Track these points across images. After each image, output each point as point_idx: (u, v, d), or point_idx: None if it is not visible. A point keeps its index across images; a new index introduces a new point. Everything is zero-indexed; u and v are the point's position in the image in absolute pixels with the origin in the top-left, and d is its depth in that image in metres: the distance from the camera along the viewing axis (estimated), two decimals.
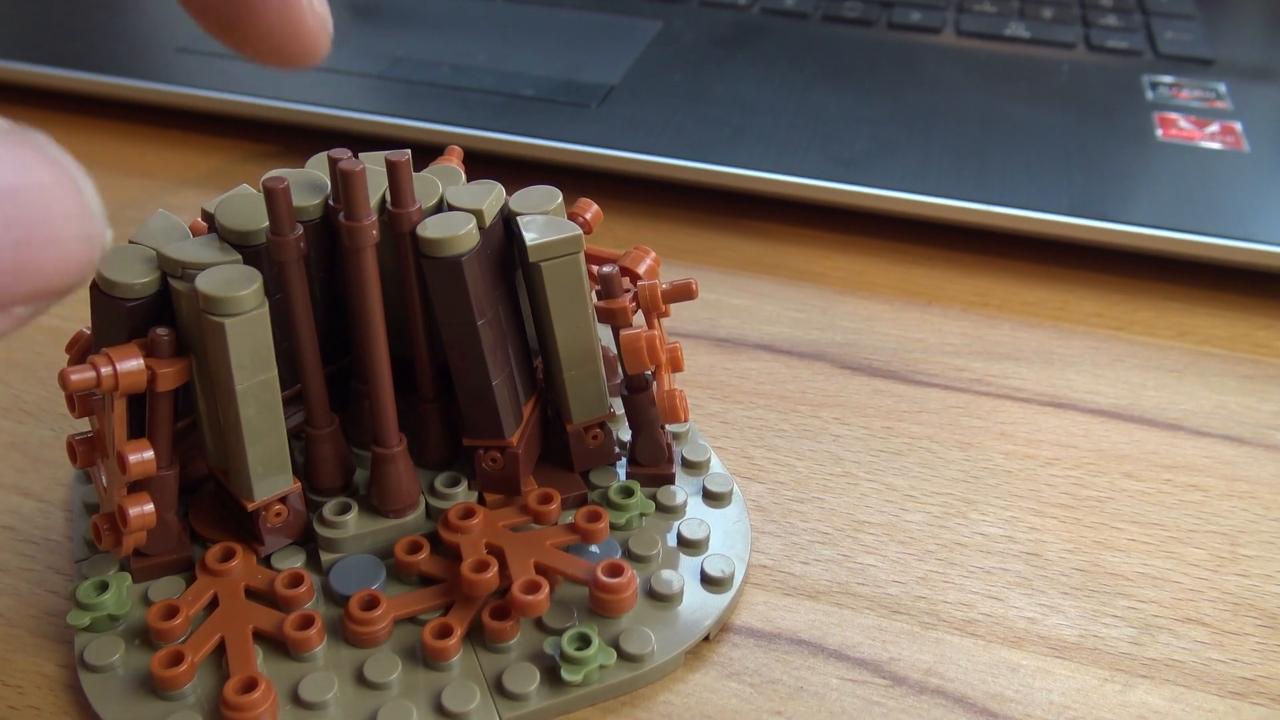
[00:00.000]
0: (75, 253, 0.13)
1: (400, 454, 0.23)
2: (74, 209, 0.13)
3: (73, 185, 0.13)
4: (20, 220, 0.12)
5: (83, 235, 0.13)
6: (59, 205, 0.13)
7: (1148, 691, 0.23)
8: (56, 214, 0.13)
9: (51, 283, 0.13)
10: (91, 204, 0.13)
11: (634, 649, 0.22)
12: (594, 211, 0.26)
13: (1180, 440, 0.29)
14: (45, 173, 0.13)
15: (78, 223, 0.13)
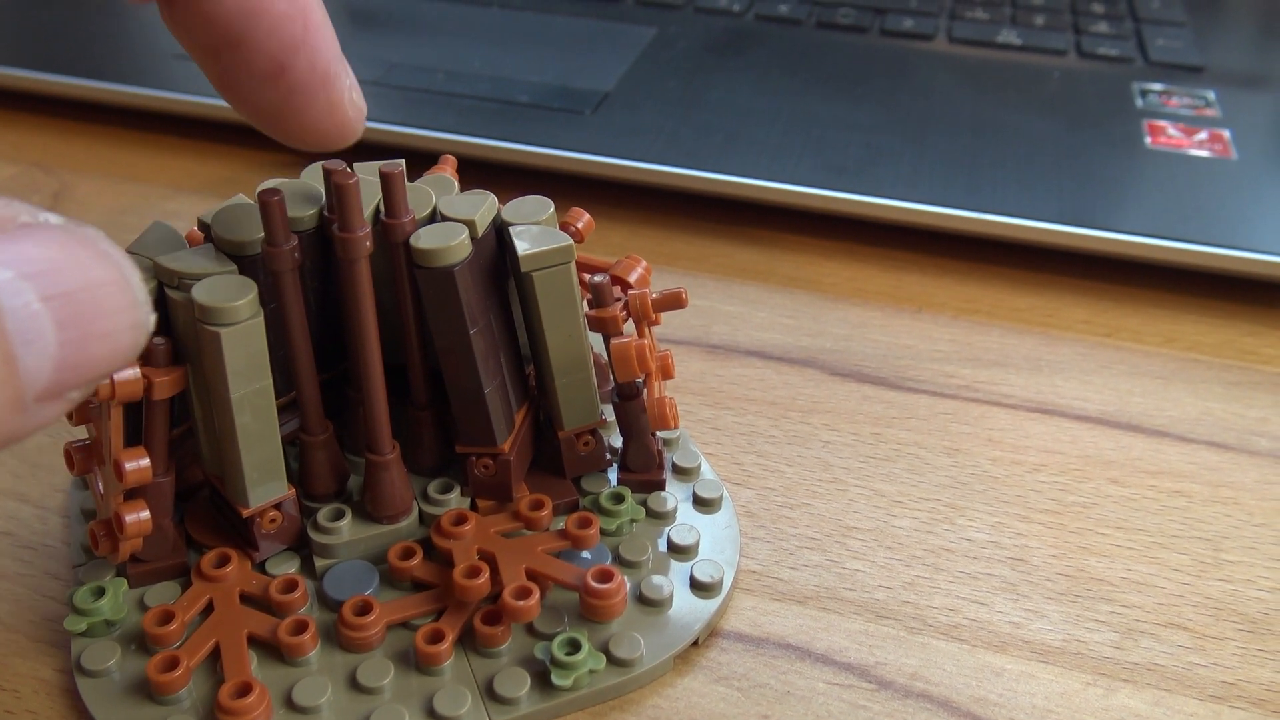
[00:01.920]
0: (125, 341, 0.14)
1: (394, 461, 0.24)
2: (125, 302, 0.14)
3: (123, 279, 0.14)
4: (78, 320, 0.13)
5: (132, 324, 0.14)
6: (111, 301, 0.13)
7: (1130, 695, 0.23)
8: (109, 309, 0.13)
9: (103, 370, 0.14)
10: (139, 294, 0.14)
11: (623, 654, 0.22)
12: (585, 221, 0.26)
13: (1166, 446, 0.29)
14: (99, 271, 0.13)
15: (127, 314, 0.14)
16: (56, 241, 0.13)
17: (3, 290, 0.12)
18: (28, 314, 0.12)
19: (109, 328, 0.13)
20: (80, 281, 0.13)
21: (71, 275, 0.13)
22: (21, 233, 0.13)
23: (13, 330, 0.12)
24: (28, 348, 0.12)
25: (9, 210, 0.13)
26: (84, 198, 0.39)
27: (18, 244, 0.13)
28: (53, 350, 0.13)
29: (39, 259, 0.13)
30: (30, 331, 0.13)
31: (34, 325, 0.13)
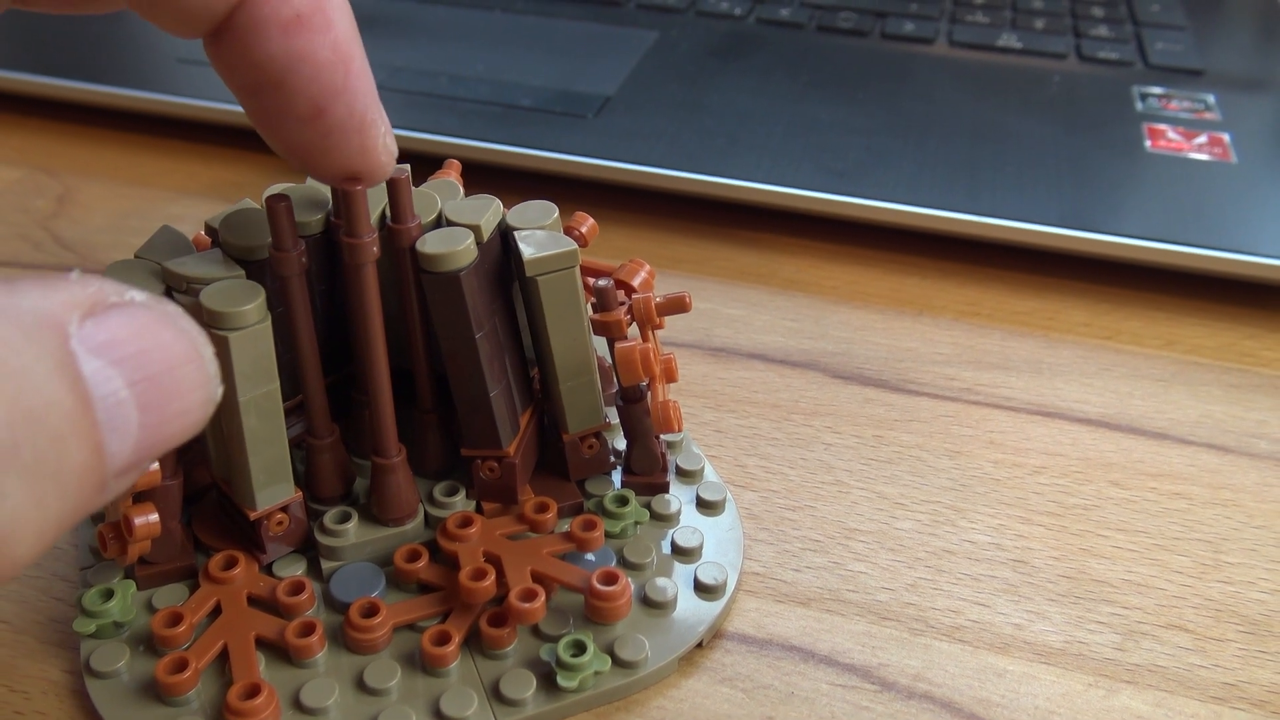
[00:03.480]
0: (197, 417, 0.14)
1: (400, 464, 0.24)
2: (199, 380, 0.14)
3: (199, 357, 0.14)
4: (159, 403, 0.14)
5: (204, 400, 0.14)
6: (189, 380, 0.14)
7: (1131, 696, 0.23)
8: (186, 388, 0.14)
9: (175, 444, 0.14)
10: (210, 368, 0.15)
11: (628, 655, 0.22)
12: (590, 225, 0.26)
13: (1166, 449, 0.30)
14: (179, 349, 0.14)
15: (201, 391, 0.14)
16: (141, 323, 0.14)
17: (94, 379, 0.13)
18: (115, 402, 0.13)
19: (185, 405, 0.14)
20: (163, 365, 0.14)
21: (155, 359, 0.14)
22: (110, 315, 0.13)
23: (102, 419, 0.13)
24: (113, 433, 0.13)
25: (97, 292, 0.14)
26: (88, 201, 0.39)
27: (107, 328, 0.13)
28: (134, 433, 0.13)
29: (126, 343, 0.13)
30: (116, 419, 0.13)
31: (120, 412, 0.13)
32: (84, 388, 0.13)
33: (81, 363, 0.13)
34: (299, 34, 0.18)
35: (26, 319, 0.13)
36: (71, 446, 0.13)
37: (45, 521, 0.12)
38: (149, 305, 0.14)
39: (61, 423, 0.12)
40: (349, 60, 0.19)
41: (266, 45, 0.18)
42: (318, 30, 0.18)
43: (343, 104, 0.19)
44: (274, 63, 0.18)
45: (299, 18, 0.18)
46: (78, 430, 0.13)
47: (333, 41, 0.18)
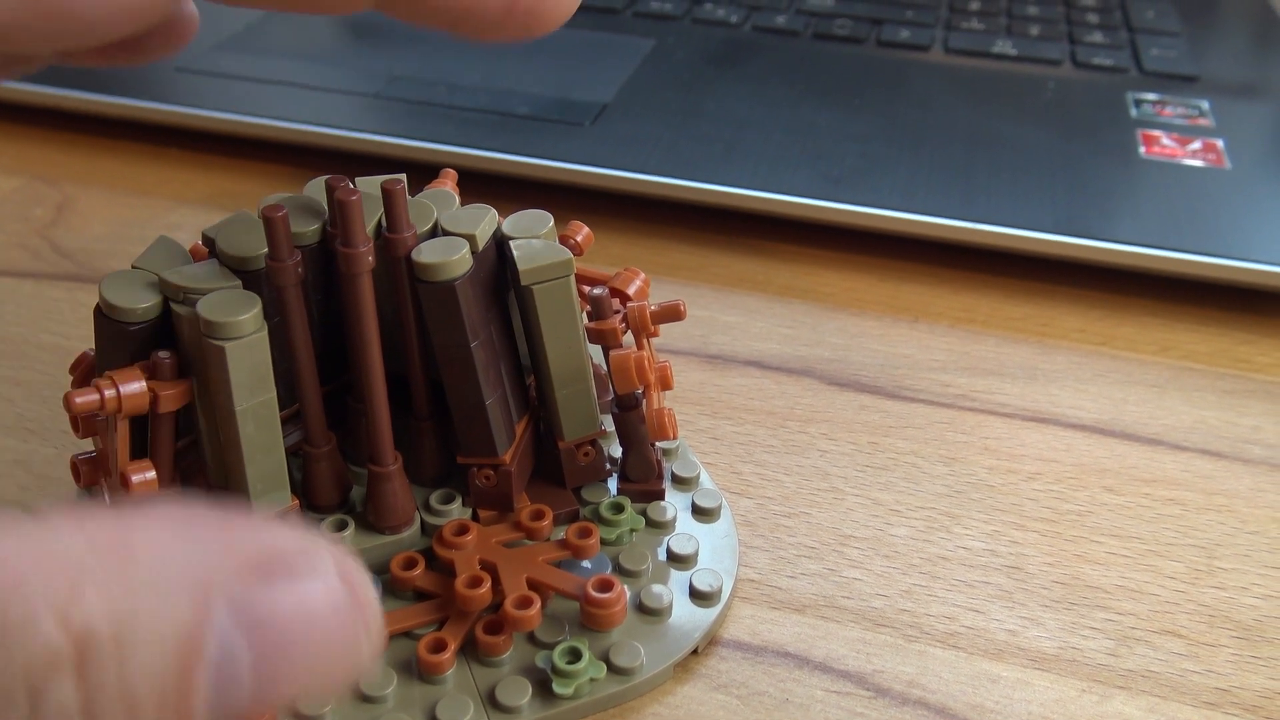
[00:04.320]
0: (346, 673, 0.13)
1: (396, 472, 0.24)
2: (355, 639, 0.13)
3: (361, 616, 0.13)
4: (286, 672, 0.13)
5: (351, 667, 0.13)
6: (345, 636, 0.13)
7: (1124, 702, 0.23)
8: (339, 645, 0.13)
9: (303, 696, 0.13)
10: (374, 624, 0.13)
11: (624, 662, 0.22)
12: (585, 234, 0.27)
13: (1160, 454, 0.30)
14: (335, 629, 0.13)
15: (347, 658, 0.13)
16: (309, 612, 0.13)
17: (222, 647, 0.12)
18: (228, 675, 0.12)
19: (335, 667, 0.13)
20: (308, 659, 0.13)
21: (301, 649, 0.13)
22: (279, 590, 0.13)
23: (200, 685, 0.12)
24: (216, 700, 0.12)
25: (279, 552, 0.13)
26: (87, 210, 0.39)
27: (268, 602, 0.13)
28: (244, 696, 0.12)
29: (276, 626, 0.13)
30: (224, 690, 0.12)
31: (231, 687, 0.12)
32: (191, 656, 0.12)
33: (209, 634, 0.12)
34: None
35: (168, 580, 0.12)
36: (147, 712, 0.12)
37: None
38: (330, 580, 0.13)
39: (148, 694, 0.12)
40: None
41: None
42: None
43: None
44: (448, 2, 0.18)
45: None
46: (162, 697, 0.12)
47: None
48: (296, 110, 0.41)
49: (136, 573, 0.12)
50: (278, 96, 0.42)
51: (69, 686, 0.12)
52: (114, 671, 0.12)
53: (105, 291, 0.22)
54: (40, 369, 0.32)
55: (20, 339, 0.33)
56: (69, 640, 0.12)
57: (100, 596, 0.12)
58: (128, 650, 0.12)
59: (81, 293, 0.35)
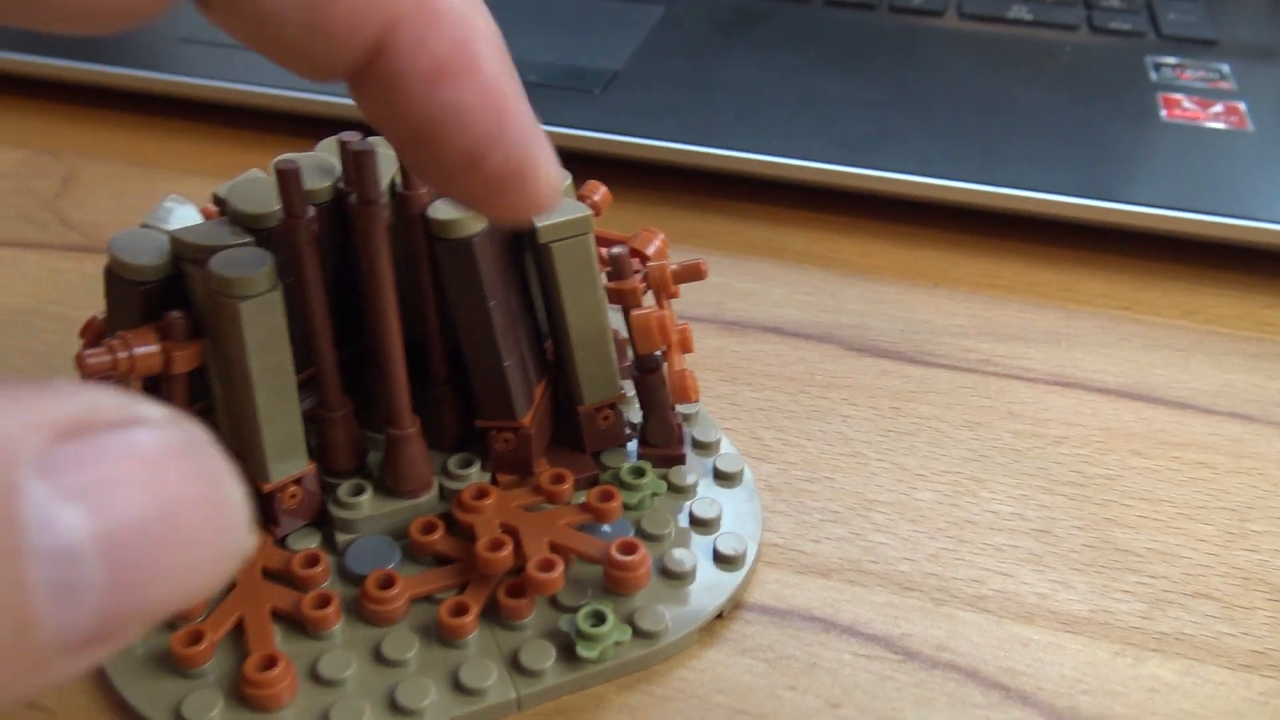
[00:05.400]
0: (202, 577, 0.11)
1: (414, 435, 0.24)
2: (210, 529, 0.11)
3: (217, 501, 0.11)
4: (140, 560, 0.10)
5: (216, 556, 0.11)
6: (192, 530, 0.11)
7: (1159, 665, 0.23)
8: (186, 540, 0.11)
9: (167, 609, 0.11)
10: (234, 515, 0.11)
11: (648, 626, 0.22)
12: (603, 193, 0.26)
13: (1188, 418, 0.29)
14: (188, 490, 0.11)
15: (212, 544, 0.11)
16: (139, 452, 0.11)
17: (39, 526, 0.10)
18: (65, 557, 0.10)
19: (181, 562, 0.11)
20: (157, 509, 0.11)
21: (145, 500, 0.11)
22: (98, 439, 0.10)
23: (40, 580, 0.10)
24: (58, 599, 0.10)
25: (86, 408, 0.11)
26: (92, 182, 0.39)
27: (87, 457, 0.10)
28: (97, 598, 0.10)
29: (105, 480, 0.10)
30: (68, 579, 0.10)
31: (74, 571, 0.10)
32: (13, 538, 0.10)
33: (26, 503, 0.10)
34: (443, 84, 0.16)
35: None
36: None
37: None
38: (159, 427, 0.11)
39: None
40: (501, 103, 0.16)
41: (408, 99, 0.16)
42: (463, 75, 0.16)
43: (499, 152, 0.16)
44: (418, 115, 0.16)
45: (440, 67, 0.16)
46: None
47: (482, 85, 0.16)
48: (304, 80, 0.40)
49: None
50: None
51: None
52: None
53: (115, 250, 0.22)
54: (48, 339, 0.31)
55: (28, 310, 0.32)
56: None
57: None
58: None
59: (88, 264, 0.34)
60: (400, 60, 0.15)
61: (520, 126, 0.16)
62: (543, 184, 0.17)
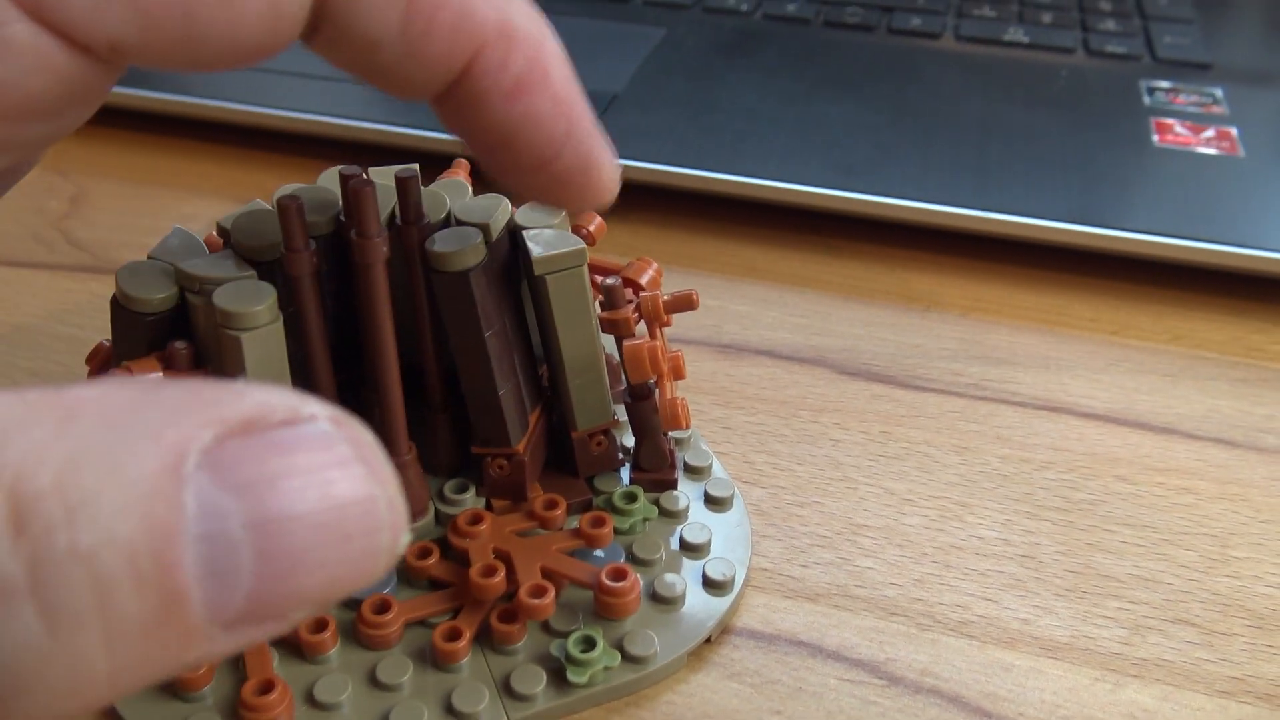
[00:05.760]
0: (356, 571, 0.12)
1: (410, 462, 0.24)
2: (363, 527, 0.12)
3: (372, 499, 0.12)
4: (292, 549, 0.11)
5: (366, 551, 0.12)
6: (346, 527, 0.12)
7: (1138, 690, 0.23)
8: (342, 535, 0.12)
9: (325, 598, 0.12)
10: (389, 516, 0.12)
11: (638, 651, 0.22)
12: (597, 224, 0.27)
13: (1173, 443, 0.30)
14: (345, 488, 0.12)
15: (363, 540, 0.12)
16: (301, 452, 0.11)
17: (197, 513, 0.11)
18: (222, 543, 0.11)
19: (334, 556, 0.11)
20: (312, 504, 0.11)
21: (301, 496, 0.11)
22: (264, 437, 0.11)
23: (191, 562, 0.11)
24: (211, 581, 0.11)
25: (258, 407, 0.11)
26: (100, 202, 0.39)
27: (251, 452, 0.11)
28: (246, 585, 0.11)
29: (264, 473, 0.11)
30: (220, 562, 0.11)
31: (227, 555, 0.11)
32: (166, 516, 0.10)
33: (187, 490, 0.11)
34: (522, 98, 0.18)
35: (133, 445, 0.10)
36: (127, 593, 0.10)
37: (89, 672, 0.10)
38: (325, 426, 0.12)
39: (116, 562, 0.10)
40: (570, 109, 0.19)
41: (492, 113, 0.18)
42: (538, 89, 0.18)
43: (569, 151, 0.19)
44: (500, 127, 0.18)
45: (520, 83, 0.18)
46: (139, 572, 0.10)
47: (553, 96, 0.18)
48: (309, 101, 0.41)
49: (83, 423, 0.11)
50: (290, 87, 0.42)
51: (4, 549, 0.10)
52: (64, 531, 0.10)
53: (122, 282, 0.22)
54: (56, 359, 0.32)
55: (36, 330, 0.33)
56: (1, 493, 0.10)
57: (36, 443, 0.10)
58: (81, 506, 0.10)
59: (96, 284, 0.35)
60: (485, 80, 0.18)
61: (585, 129, 0.19)
62: (605, 177, 0.20)
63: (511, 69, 0.18)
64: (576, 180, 0.19)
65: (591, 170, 0.19)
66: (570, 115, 0.19)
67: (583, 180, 0.19)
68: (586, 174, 0.19)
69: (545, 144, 0.18)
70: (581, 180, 0.19)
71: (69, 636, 0.10)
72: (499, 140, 0.19)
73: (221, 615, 0.11)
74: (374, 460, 0.12)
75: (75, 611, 0.10)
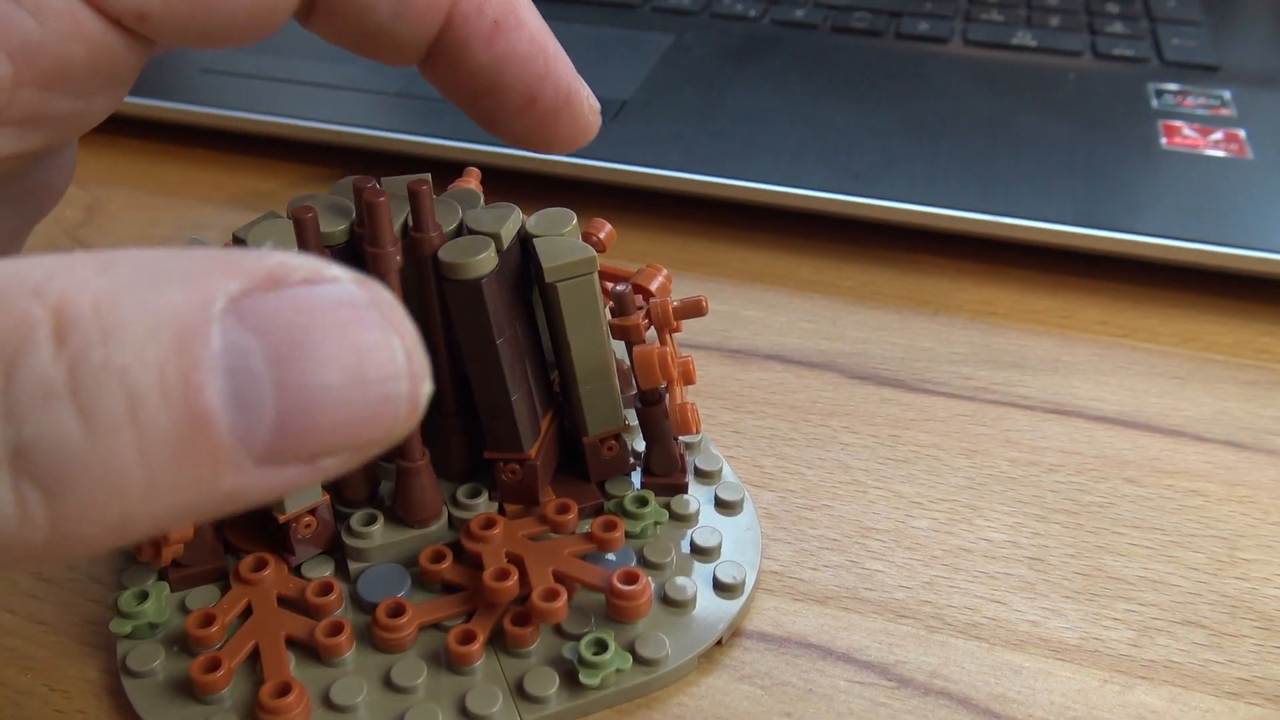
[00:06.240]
0: (377, 416, 0.13)
1: (424, 467, 0.24)
2: (381, 373, 0.12)
3: (390, 348, 0.13)
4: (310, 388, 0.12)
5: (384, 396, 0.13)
6: (369, 370, 0.12)
7: (1146, 692, 0.23)
8: (361, 378, 0.12)
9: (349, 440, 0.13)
10: (405, 365, 0.13)
11: (649, 653, 0.23)
12: (607, 231, 0.27)
13: (1182, 446, 0.30)
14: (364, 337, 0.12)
15: (381, 385, 0.13)
16: (323, 301, 0.12)
17: (221, 347, 0.12)
18: (244, 375, 0.12)
19: (354, 397, 0.12)
20: (331, 346, 0.12)
21: (321, 339, 0.12)
22: (289, 293, 0.12)
23: (215, 389, 0.12)
24: (236, 409, 0.12)
25: (280, 265, 0.12)
26: (116, 211, 0.40)
27: (274, 302, 0.12)
28: (270, 416, 0.12)
29: (287, 318, 0.12)
30: (244, 392, 0.12)
31: (251, 388, 0.12)
32: (191, 345, 0.11)
33: (213, 328, 0.12)
34: (500, 39, 0.20)
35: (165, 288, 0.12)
36: (156, 406, 0.11)
37: (125, 478, 0.11)
38: (347, 284, 0.13)
39: (146, 378, 0.11)
40: (546, 47, 0.20)
41: (475, 57, 0.20)
42: (514, 30, 0.20)
43: (550, 87, 0.20)
44: (485, 70, 0.20)
45: (497, 25, 0.20)
46: (166, 390, 0.11)
47: (529, 36, 0.20)
48: (320, 109, 0.41)
49: (121, 269, 0.12)
50: (302, 96, 0.42)
51: (47, 356, 0.11)
52: (100, 348, 0.11)
53: None
54: None
55: None
56: (46, 311, 0.11)
57: (78, 278, 0.11)
58: (115, 329, 0.11)
59: None
60: (465, 26, 0.20)
61: (563, 64, 0.21)
62: (587, 111, 0.21)
63: (488, 13, 0.20)
64: (562, 116, 0.21)
65: (574, 104, 0.21)
66: (547, 52, 0.20)
67: (568, 114, 0.21)
68: (570, 107, 0.21)
69: (527, 82, 0.20)
70: (567, 115, 0.21)
71: (104, 440, 0.11)
72: (484, 86, 0.20)
73: (249, 444, 0.12)
74: (394, 314, 0.13)
75: (110, 416, 0.11)
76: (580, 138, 0.22)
